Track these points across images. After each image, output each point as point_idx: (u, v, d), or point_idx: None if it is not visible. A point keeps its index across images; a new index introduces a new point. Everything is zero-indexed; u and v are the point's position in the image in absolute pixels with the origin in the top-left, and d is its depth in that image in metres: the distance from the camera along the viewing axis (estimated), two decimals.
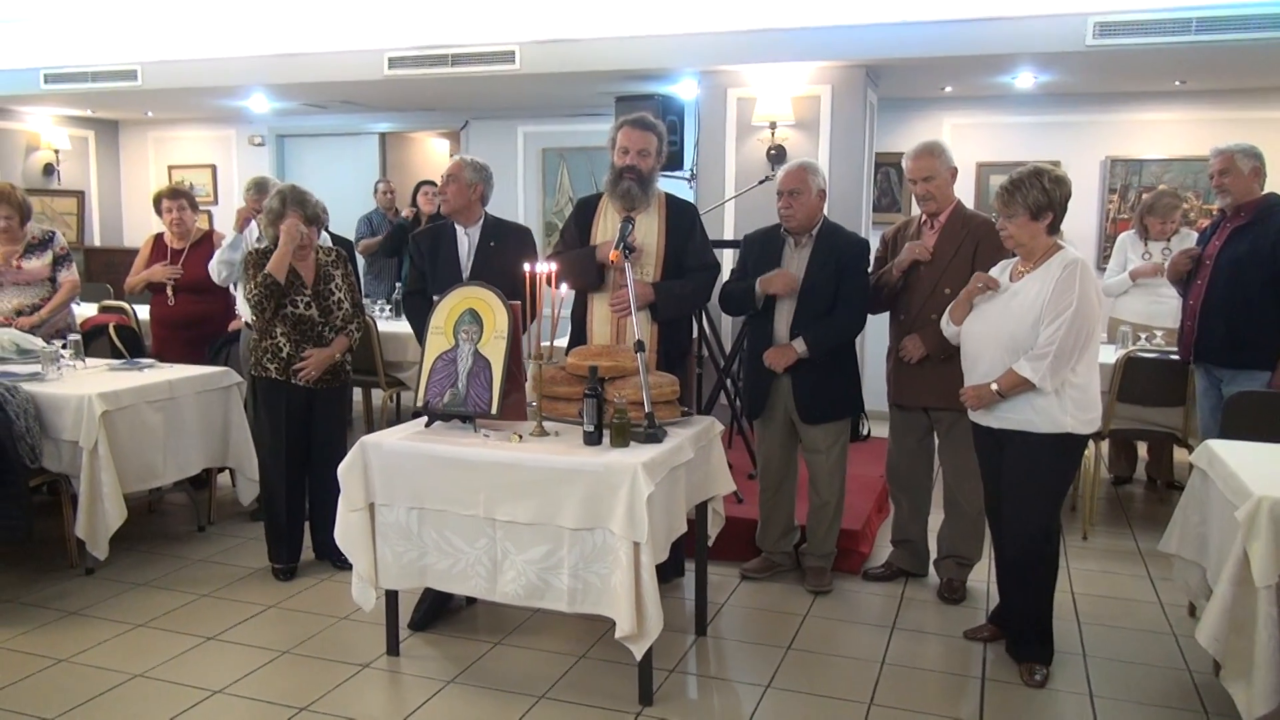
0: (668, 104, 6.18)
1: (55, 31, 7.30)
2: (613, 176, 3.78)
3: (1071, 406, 3.16)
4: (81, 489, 3.92)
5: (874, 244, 4.12)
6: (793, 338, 3.84)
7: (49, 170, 8.96)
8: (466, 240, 4.00)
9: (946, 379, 3.64)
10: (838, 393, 3.92)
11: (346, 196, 8.20)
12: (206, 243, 5.14)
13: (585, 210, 3.94)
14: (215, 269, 4.93)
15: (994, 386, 3.20)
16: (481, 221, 4.03)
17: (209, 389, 4.46)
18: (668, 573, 3.90)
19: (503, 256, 3.90)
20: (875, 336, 5.01)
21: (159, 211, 5.14)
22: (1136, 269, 5.39)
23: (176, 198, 5.13)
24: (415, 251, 4.12)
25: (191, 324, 5.04)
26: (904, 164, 3.93)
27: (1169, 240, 5.31)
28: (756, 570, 4.14)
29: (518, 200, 8.47)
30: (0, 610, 3.75)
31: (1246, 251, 4.08)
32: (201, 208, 9.22)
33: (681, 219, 3.85)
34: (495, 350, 3.26)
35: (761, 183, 5.41)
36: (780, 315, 3.88)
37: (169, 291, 5.04)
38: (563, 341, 4.23)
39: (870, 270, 4.04)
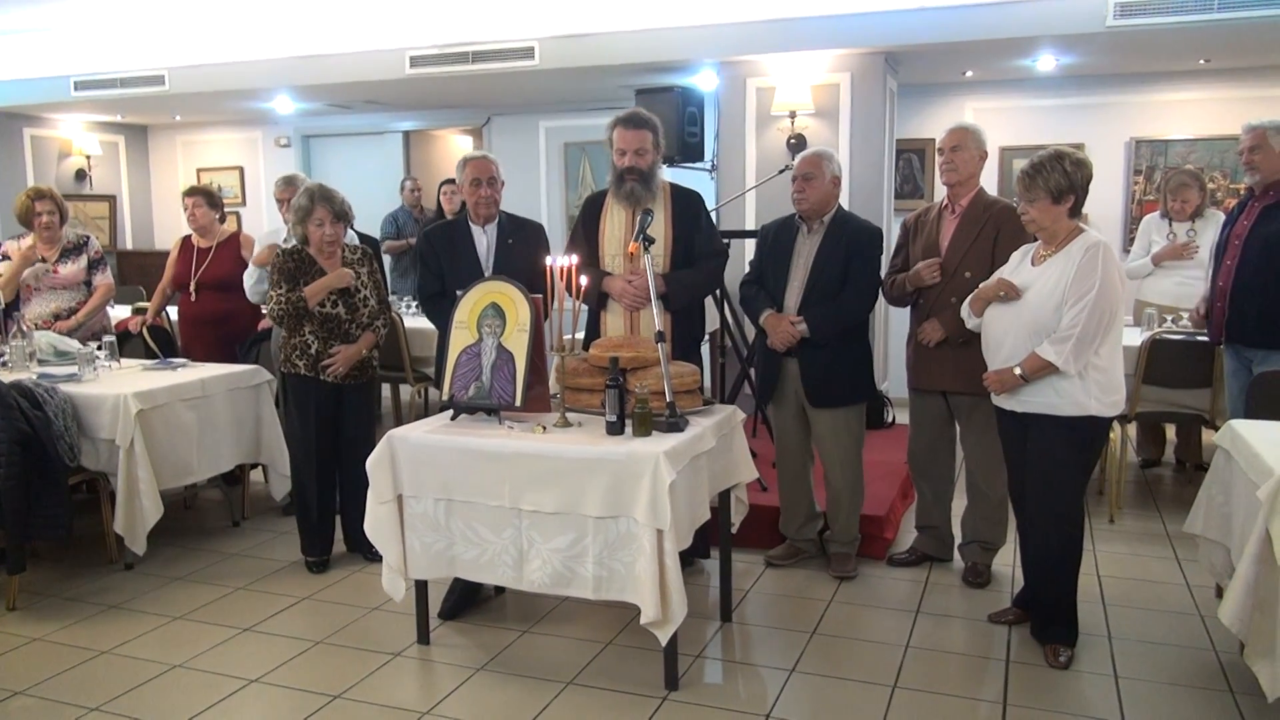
0: (687, 95, 6.20)
1: (84, 40, 7.44)
2: (615, 178, 3.81)
3: (1095, 389, 3.16)
4: (119, 486, 4.02)
5: (895, 230, 4.13)
6: None
7: (81, 176, 9.13)
8: (485, 238, 4.00)
9: (965, 363, 3.65)
10: (846, 378, 3.92)
11: (372, 195, 8.30)
12: (233, 242, 5.23)
13: (591, 208, 3.96)
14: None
15: (1017, 370, 3.20)
16: (498, 219, 4.04)
17: (240, 387, 4.55)
18: (695, 552, 3.92)
19: (522, 253, 3.93)
20: (901, 323, 5.02)
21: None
22: (1158, 252, 5.34)
23: (193, 194, 5.24)
24: (428, 248, 4.04)
25: (218, 322, 5.13)
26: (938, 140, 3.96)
27: (1193, 221, 5.25)
28: (781, 557, 4.17)
29: (540, 194, 8.54)
30: (43, 605, 3.86)
31: (1277, 230, 4.04)
32: (230, 209, 9.42)
33: (687, 207, 3.88)
34: (518, 343, 3.31)
35: (781, 172, 5.43)
36: (789, 299, 3.91)
37: (192, 288, 5.14)
38: (580, 335, 4.28)
39: (892, 255, 4.06)
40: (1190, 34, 5.31)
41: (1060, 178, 3.16)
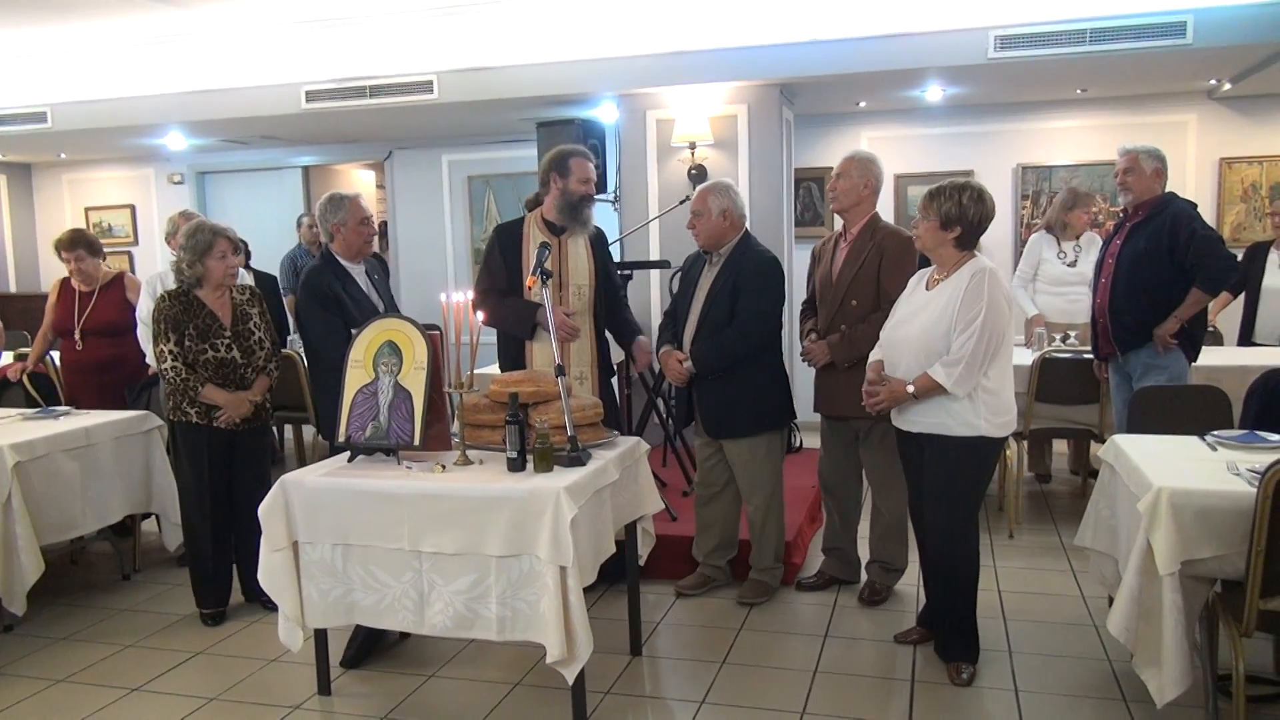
0: (588, 128, 6.23)
1: None
2: (573, 204, 3.91)
3: (985, 410, 3.24)
4: None
5: (802, 258, 4.21)
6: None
7: None
8: (363, 276, 3.95)
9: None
10: (745, 408, 3.91)
11: (271, 232, 8.11)
12: (117, 285, 5.01)
13: (509, 238, 3.98)
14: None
15: (910, 388, 3.27)
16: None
17: (128, 434, 4.37)
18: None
19: (385, 289, 4.05)
20: None
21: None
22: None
23: (73, 249, 4.88)
24: (325, 296, 3.74)
25: (103, 369, 4.90)
26: None
27: (1079, 238, 5.49)
28: (692, 586, 4.16)
29: (445, 228, 8.46)
30: None
31: (1145, 247, 4.25)
32: (121, 249, 9.09)
33: (601, 243, 4.08)
34: (415, 381, 3.25)
35: (682, 203, 5.47)
36: (687, 333, 3.97)
37: (76, 335, 4.91)
38: (487, 370, 4.24)
39: (808, 283, 4.13)
40: (1066, 65, 5.56)
41: (952, 207, 3.24)
